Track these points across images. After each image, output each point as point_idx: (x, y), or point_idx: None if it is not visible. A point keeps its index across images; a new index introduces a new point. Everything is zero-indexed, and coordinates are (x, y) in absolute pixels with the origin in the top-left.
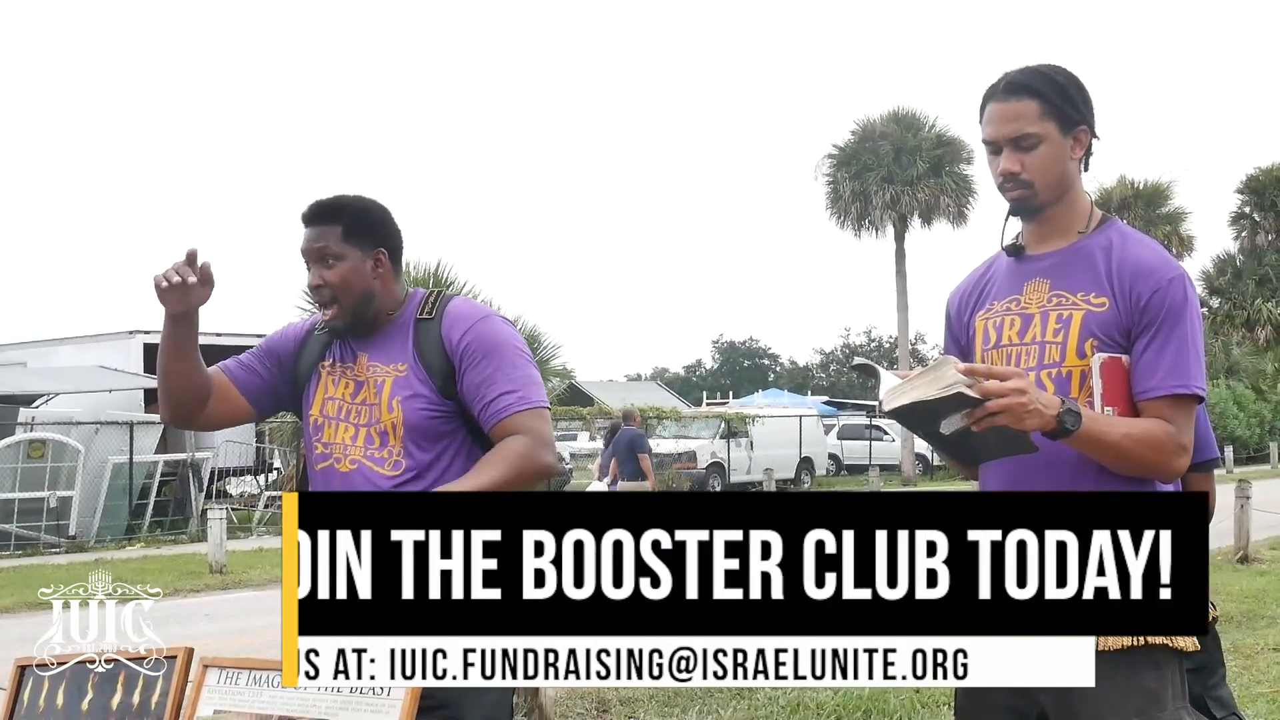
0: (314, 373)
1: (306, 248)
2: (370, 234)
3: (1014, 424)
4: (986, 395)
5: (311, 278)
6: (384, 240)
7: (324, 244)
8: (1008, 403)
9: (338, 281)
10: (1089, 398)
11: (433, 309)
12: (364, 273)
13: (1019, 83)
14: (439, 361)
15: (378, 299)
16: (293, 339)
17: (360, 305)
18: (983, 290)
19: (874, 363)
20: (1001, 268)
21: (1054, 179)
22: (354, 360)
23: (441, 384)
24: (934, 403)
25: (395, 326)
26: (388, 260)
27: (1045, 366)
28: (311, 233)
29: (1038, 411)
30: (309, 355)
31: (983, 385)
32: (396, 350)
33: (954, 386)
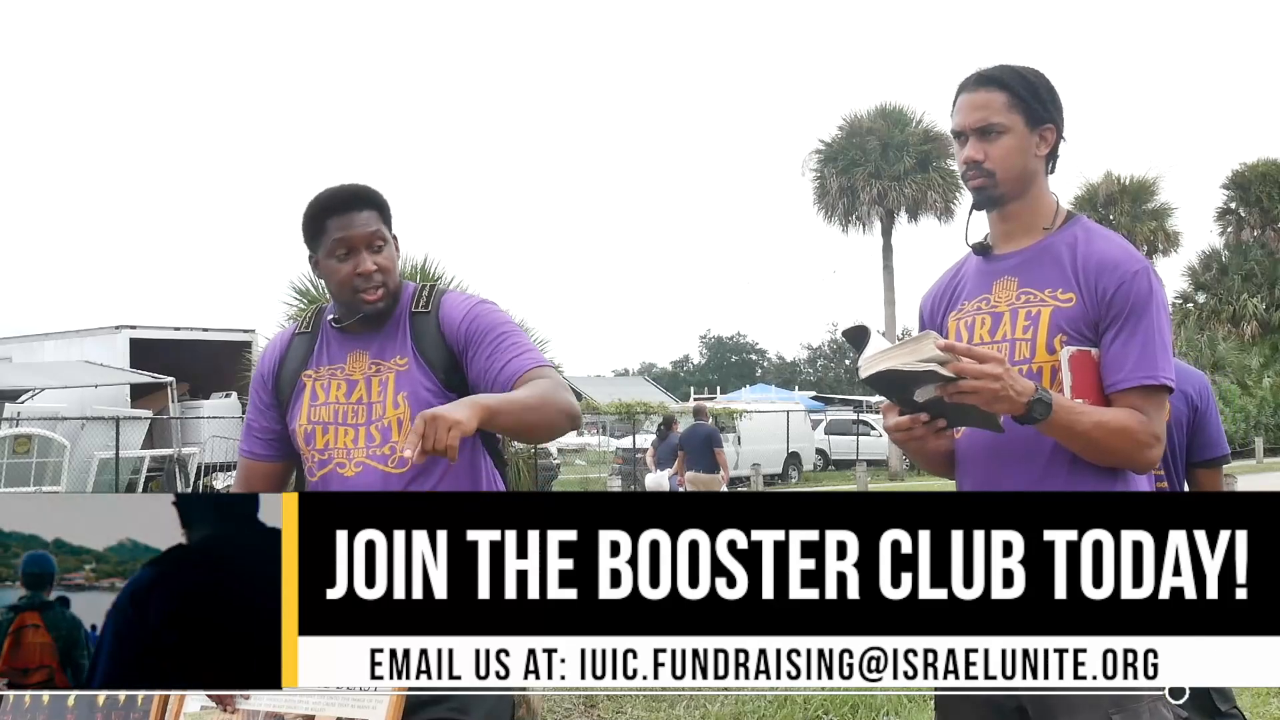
0: (297, 383)
1: (353, 235)
2: (390, 221)
3: (984, 405)
4: (961, 374)
5: (361, 264)
6: (391, 229)
7: (375, 228)
8: (980, 385)
9: (390, 266)
10: (1059, 392)
11: (427, 302)
12: (394, 256)
13: (989, 75)
14: (439, 354)
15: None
16: (272, 360)
17: (397, 288)
18: (954, 291)
19: (867, 325)
20: (971, 268)
21: (1016, 171)
22: (343, 360)
23: (444, 377)
24: (909, 374)
25: (391, 321)
26: (397, 242)
27: (1016, 363)
28: (349, 219)
29: (1009, 397)
30: (292, 364)
31: (958, 364)
32: (394, 346)
33: (930, 362)
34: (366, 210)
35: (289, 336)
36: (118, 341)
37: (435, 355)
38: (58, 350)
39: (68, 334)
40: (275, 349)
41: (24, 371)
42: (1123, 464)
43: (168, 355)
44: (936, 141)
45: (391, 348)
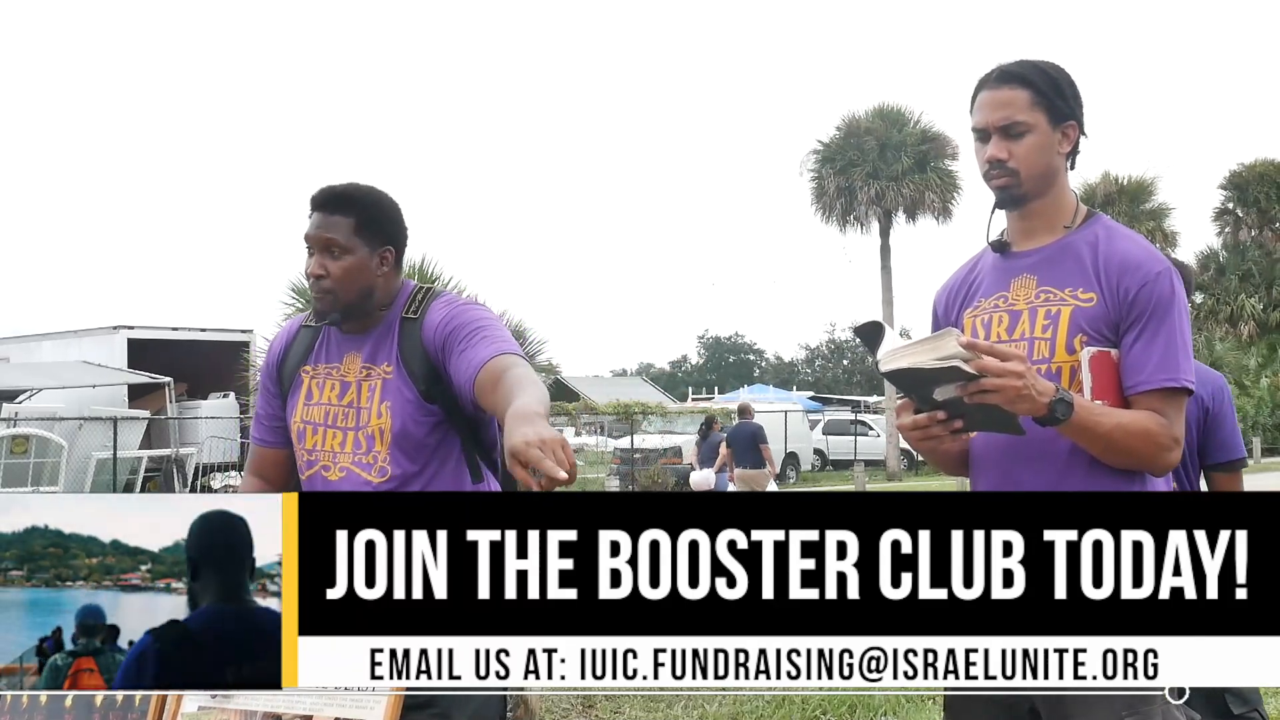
0: (296, 377)
1: (314, 234)
2: (381, 231)
3: (1006, 405)
4: (983, 372)
5: (313, 265)
6: (392, 238)
7: (333, 235)
8: (1002, 383)
9: (340, 275)
10: (1079, 392)
11: (418, 308)
12: (368, 269)
13: (1012, 72)
14: (422, 365)
15: (376, 295)
16: (278, 350)
17: (357, 301)
18: (970, 287)
19: (881, 322)
20: (988, 264)
21: (1039, 170)
22: (340, 360)
23: (425, 388)
24: (930, 371)
25: (384, 324)
26: (394, 258)
27: (1035, 362)
28: (321, 220)
29: (1030, 397)
30: (294, 357)
31: (980, 362)
32: (384, 351)
33: (952, 359)
34: (341, 214)
35: (296, 327)
36: (115, 342)
37: (418, 366)
38: (55, 350)
39: (65, 334)
40: (282, 339)
41: (22, 371)
42: (1141, 466)
43: (165, 355)
44: (934, 142)
45: (381, 352)
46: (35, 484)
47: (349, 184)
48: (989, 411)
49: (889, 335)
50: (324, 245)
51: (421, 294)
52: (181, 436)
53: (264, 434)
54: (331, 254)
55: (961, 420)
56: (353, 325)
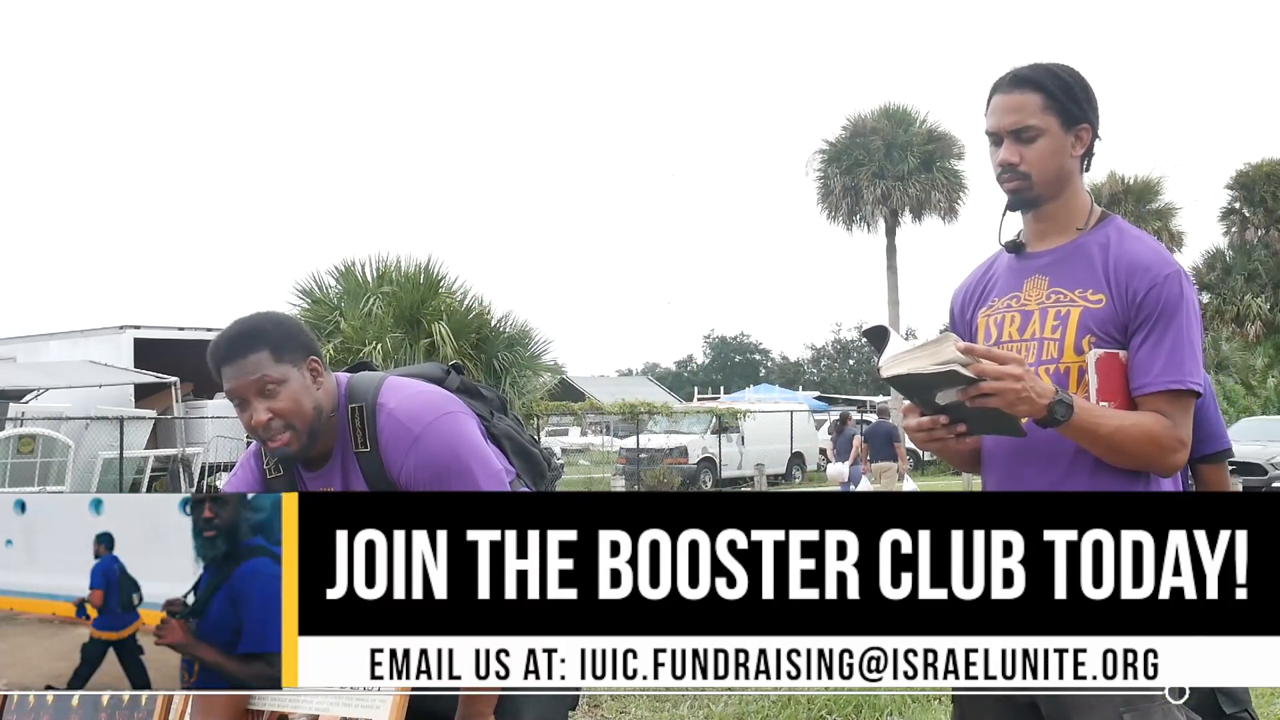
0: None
1: (238, 385)
2: (298, 347)
3: (1005, 407)
4: (981, 376)
5: (254, 416)
6: (309, 348)
7: (260, 374)
8: (1001, 386)
9: (290, 407)
10: (1085, 393)
11: (364, 439)
12: (307, 388)
13: (1024, 76)
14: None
15: (323, 410)
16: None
17: (313, 423)
18: (985, 287)
19: (888, 326)
20: (1003, 265)
21: (1052, 173)
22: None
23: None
24: (929, 376)
25: (332, 463)
26: (320, 364)
27: (1043, 363)
28: (236, 368)
29: (1029, 399)
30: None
31: (979, 365)
32: (355, 485)
33: (950, 364)
34: (255, 352)
35: (255, 481)
36: (122, 341)
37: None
38: (62, 350)
39: (72, 334)
40: (247, 484)
41: (28, 371)
42: (1146, 468)
43: (172, 355)
44: (940, 141)
45: (354, 486)
46: (42, 484)
47: (240, 323)
48: (990, 414)
49: (893, 340)
50: (257, 389)
51: (359, 420)
52: (188, 436)
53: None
54: (267, 393)
55: (964, 423)
56: (314, 462)
